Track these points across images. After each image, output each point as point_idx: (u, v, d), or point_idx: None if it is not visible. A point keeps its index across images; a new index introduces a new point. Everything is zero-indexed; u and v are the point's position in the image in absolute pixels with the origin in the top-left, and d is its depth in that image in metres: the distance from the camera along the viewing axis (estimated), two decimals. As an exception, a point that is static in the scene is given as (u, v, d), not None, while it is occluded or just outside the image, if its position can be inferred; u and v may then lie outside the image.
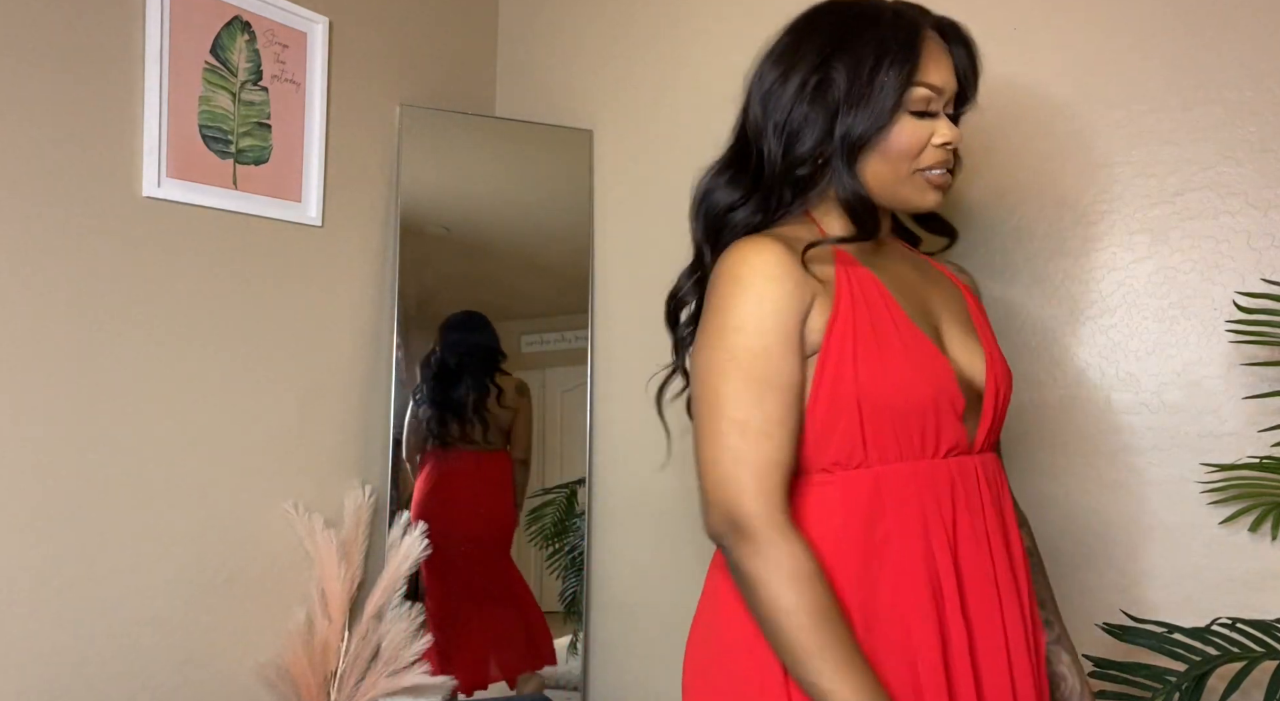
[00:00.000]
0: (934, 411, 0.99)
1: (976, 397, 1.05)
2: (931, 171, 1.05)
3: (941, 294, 1.11)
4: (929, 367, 0.99)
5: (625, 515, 2.07)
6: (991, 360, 1.07)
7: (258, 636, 1.74)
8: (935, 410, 0.99)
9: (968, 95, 1.10)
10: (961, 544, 0.99)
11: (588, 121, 2.17)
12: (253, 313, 1.74)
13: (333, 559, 1.77)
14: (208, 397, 1.67)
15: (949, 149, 1.05)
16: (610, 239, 2.14)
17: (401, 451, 1.96)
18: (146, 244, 1.59)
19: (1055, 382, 1.58)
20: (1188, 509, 1.46)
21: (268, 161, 1.76)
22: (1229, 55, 1.46)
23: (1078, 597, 1.54)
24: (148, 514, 1.59)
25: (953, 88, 1.06)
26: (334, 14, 1.87)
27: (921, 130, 1.03)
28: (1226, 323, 1.43)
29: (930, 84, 1.03)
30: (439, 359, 2.03)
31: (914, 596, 0.96)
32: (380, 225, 1.98)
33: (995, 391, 1.05)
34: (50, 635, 1.47)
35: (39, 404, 1.46)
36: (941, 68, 1.04)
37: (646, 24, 2.10)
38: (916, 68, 1.02)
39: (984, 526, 1.01)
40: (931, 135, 1.04)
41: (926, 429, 0.99)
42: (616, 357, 2.11)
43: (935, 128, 1.04)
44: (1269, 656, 1.21)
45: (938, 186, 1.06)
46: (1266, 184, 1.43)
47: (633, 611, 2.05)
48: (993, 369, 1.06)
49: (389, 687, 1.75)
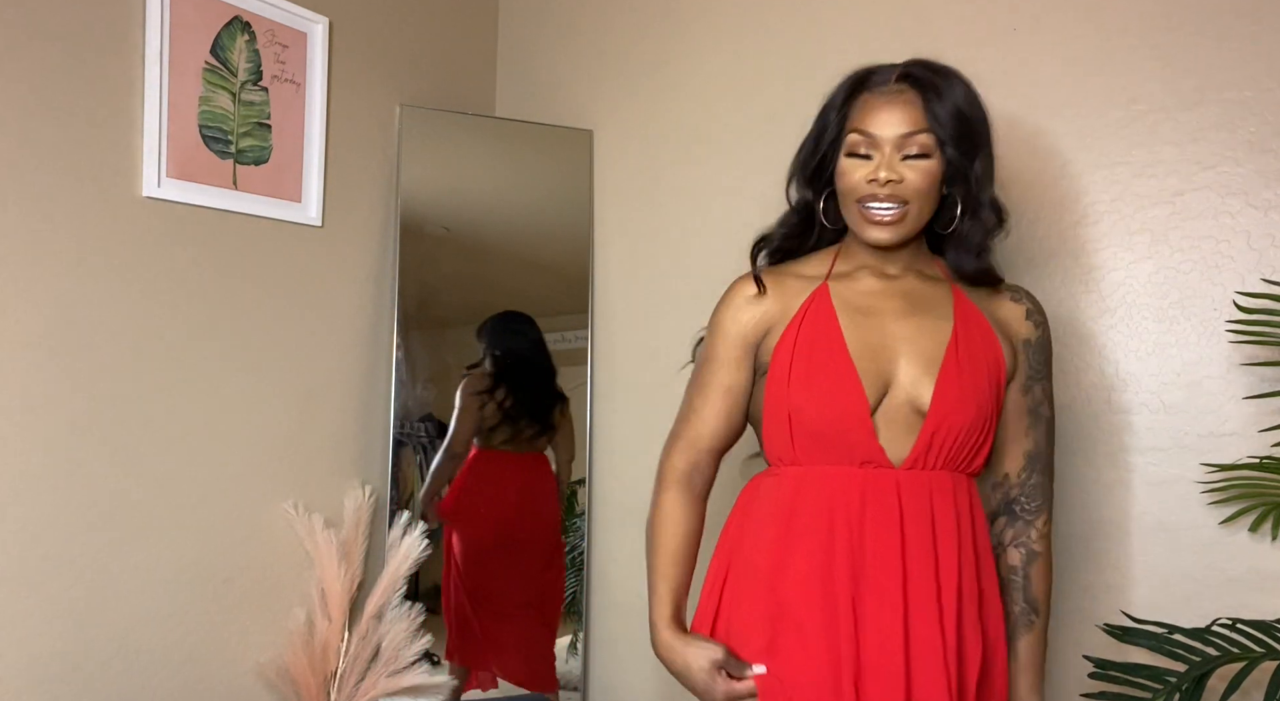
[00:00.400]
0: (843, 427, 1.17)
1: (918, 418, 1.18)
2: (868, 207, 1.19)
3: (918, 326, 1.22)
4: (843, 389, 1.17)
5: (625, 515, 2.07)
6: (942, 389, 1.17)
7: (258, 636, 1.74)
8: (844, 426, 1.17)
9: (938, 134, 1.18)
10: (868, 549, 1.16)
11: (588, 121, 2.17)
12: (253, 312, 1.74)
13: (333, 559, 1.77)
14: (207, 397, 1.67)
15: (881, 185, 1.17)
16: (610, 239, 2.14)
17: (401, 452, 1.96)
18: (146, 244, 1.59)
19: (1055, 383, 1.58)
20: (1188, 509, 1.46)
21: (268, 161, 1.76)
22: (1229, 55, 1.46)
23: (1078, 597, 1.54)
24: (147, 514, 1.59)
25: (894, 131, 1.17)
26: (334, 14, 1.87)
27: (854, 169, 1.20)
28: (1226, 323, 1.43)
29: (860, 130, 1.20)
30: (507, 357, 2.05)
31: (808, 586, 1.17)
32: (380, 225, 1.98)
33: (937, 418, 1.17)
34: (50, 635, 1.47)
35: (38, 404, 1.46)
36: (879, 116, 1.18)
37: (646, 24, 2.10)
38: (848, 117, 1.22)
39: (898, 538, 1.15)
40: (864, 173, 1.18)
41: (840, 441, 1.18)
42: (616, 357, 2.11)
43: (869, 166, 1.19)
44: (1269, 656, 1.21)
45: (876, 223, 1.19)
46: (1266, 184, 1.43)
47: (633, 611, 2.05)
48: (941, 398, 1.17)
49: (389, 687, 1.75)
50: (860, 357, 1.19)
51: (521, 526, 2.10)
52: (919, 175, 1.17)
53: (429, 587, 2.01)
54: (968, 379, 1.19)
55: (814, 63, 1.87)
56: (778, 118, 1.91)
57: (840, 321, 1.21)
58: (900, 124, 1.17)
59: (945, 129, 1.17)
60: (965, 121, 1.18)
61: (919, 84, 1.19)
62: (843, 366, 1.18)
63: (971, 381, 1.19)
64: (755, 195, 1.94)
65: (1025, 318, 1.28)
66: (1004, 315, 1.27)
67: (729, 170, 1.97)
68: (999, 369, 1.23)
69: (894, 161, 1.17)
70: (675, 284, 2.02)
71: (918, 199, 1.18)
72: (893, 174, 1.16)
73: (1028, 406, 1.27)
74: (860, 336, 1.20)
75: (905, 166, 1.17)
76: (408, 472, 1.98)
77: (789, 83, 1.90)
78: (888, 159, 1.17)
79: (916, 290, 1.25)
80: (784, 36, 1.90)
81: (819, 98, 1.87)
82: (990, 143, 1.23)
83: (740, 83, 1.96)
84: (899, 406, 1.18)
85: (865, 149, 1.19)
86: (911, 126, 1.17)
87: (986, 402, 1.20)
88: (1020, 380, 1.26)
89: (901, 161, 1.17)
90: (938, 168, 1.19)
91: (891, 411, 1.18)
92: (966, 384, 1.18)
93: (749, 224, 1.95)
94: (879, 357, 1.19)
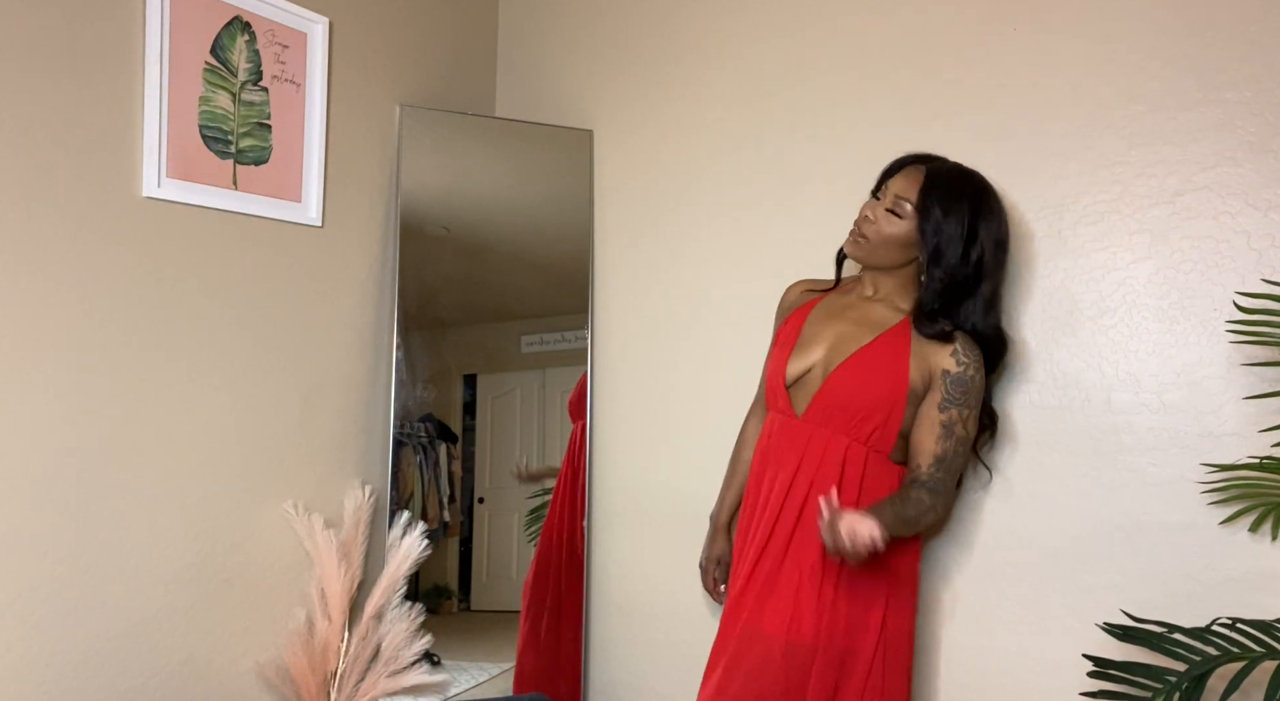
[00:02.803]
0: (772, 386, 1.62)
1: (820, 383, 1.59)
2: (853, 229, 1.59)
3: (854, 332, 1.57)
4: (777, 364, 1.61)
5: (625, 515, 2.08)
6: (839, 370, 1.54)
7: (258, 636, 1.74)
8: (772, 385, 1.62)
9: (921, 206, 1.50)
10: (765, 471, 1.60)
11: (588, 121, 2.17)
12: (253, 312, 1.74)
13: (333, 559, 1.77)
14: (208, 397, 1.67)
15: (861, 218, 1.56)
16: (610, 239, 2.14)
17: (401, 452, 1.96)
18: (146, 244, 1.59)
19: (1055, 383, 1.58)
20: (1188, 509, 1.46)
21: (268, 161, 1.76)
22: (1229, 55, 1.46)
23: (1078, 597, 1.54)
24: (148, 514, 1.59)
25: (893, 190, 1.53)
26: (334, 14, 1.87)
27: (865, 203, 1.58)
28: (1226, 323, 1.43)
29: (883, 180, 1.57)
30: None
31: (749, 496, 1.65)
32: (380, 225, 1.98)
33: (828, 386, 1.54)
34: (50, 635, 1.47)
35: (39, 403, 1.46)
36: (897, 178, 1.54)
37: (646, 24, 2.10)
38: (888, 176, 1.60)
39: (776, 465, 1.58)
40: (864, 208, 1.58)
41: (773, 396, 1.63)
42: (616, 357, 2.11)
43: (870, 205, 1.56)
44: (1269, 656, 1.21)
45: (849, 236, 1.58)
46: (1266, 184, 1.43)
47: (633, 611, 2.05)
48: (836, 375, 1.54)
49: (389, 687, 1.75)
50: (804, 343, 1.60)
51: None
52: (887, 224, 1.51)
53: (429, 587, 2.01)
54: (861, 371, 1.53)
55: (814, 63, 1.87)
56: (777, 118, 1.91)
57: (809, 319, 1.63)
58: (897, 188, 1.52)
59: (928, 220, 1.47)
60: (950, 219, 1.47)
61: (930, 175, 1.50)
62: (785, 349, 1.61)
63: (863, 375, 1.53)
64: (755, 195, 1.94)
65: (950, 355, 1.49)
66: (930, 352, 1.51)
67: (729, 170, 1.97)
68: (897, 380, 1.51)
69: (878, 207, 1.53)
70: (675, 284, 2.02)
71: (878, 237, 1.53)
72: (871, 213, 1.54)
73: (942, 422, 1.49)
74: (814, 331, 1.61)
75: (882, 215, 1.52)
76: (408, 472, 1.98)
77: (789, 83, 1.90)
78: (879, 204, 1.53)
79: (875, 311, 1.58)
80: (784, 37, 1.90)
81: (818, 97, 1.88)
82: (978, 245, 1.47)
83: (740, 83, 1.96)
84: (814, 378, 1.57)
85: (878, 193, 1.56)
86: (901, 193, 1.51)
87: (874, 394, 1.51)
88: (936, 399, 1.49)
89: (884, 213, 1.52)
90: (905, 230, 1.50)
91: (808, 381, 1.57)
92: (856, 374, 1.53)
93: (748, 224, 1.96)
94: (814, 344, 1.59)
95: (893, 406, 1.51)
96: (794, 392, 1.58)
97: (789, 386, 1.59)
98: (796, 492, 1.54)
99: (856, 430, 1.53)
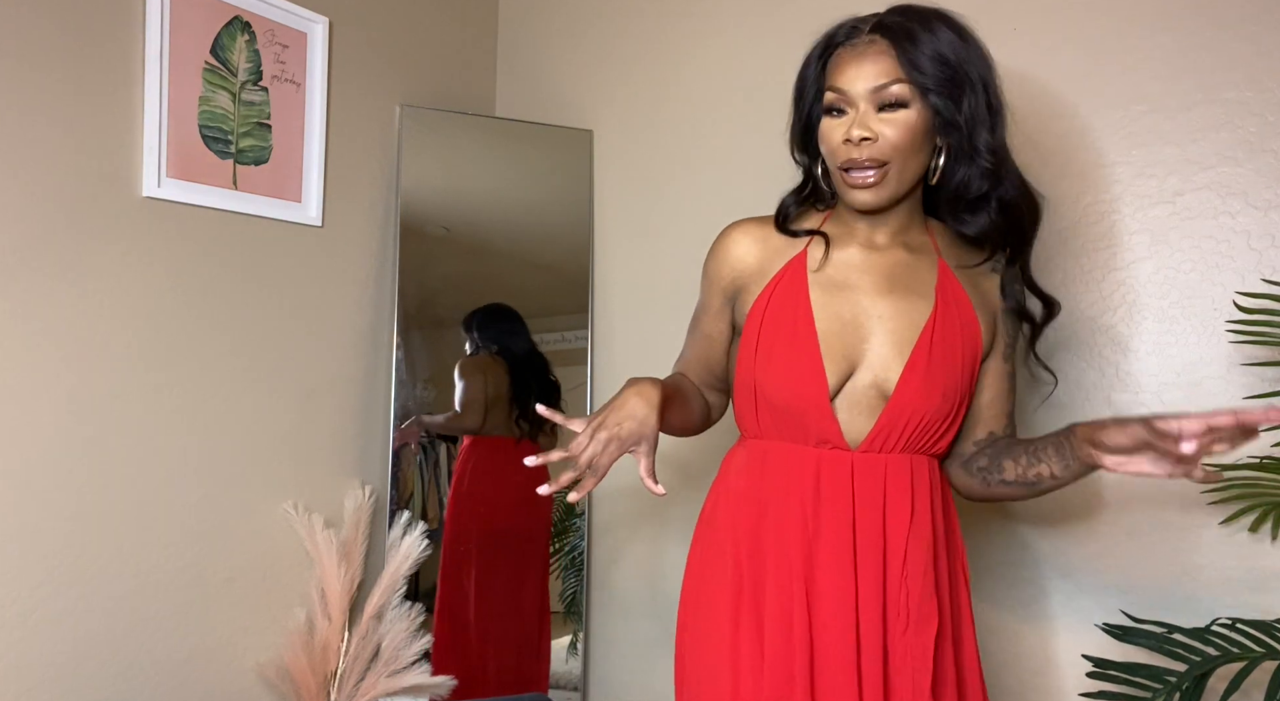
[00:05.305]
0: (802, 408, 1.16)
1: (882, 401, 1.16)
2: (850, 172, 1.14)
3: (895, 305, 1.18)
4: (804, 368, 1.15)
5: (625, 515, 2.08)
6: (909, 376, 1.14)
7: (258, 636, 1.74)
8: (802, 407, 1.16)
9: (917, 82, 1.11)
10: (822, 530, 1.15)
11: (588, 121, 2.17)
12: (253, 313, 1.74)
13: (333, 559, 1.77)
14: (208, 398, 1.67)
15: (856, 144, 1.12)
16: (610, 239, 2.14)
17: (401, 452, 1.96)
18: (146, 244, 1.59)
19: (1055, 383, 1.58)
20: (1188, 509, 1.46)
21: (268, 161, 1.76)
22: (1229, 55, 1.46)
23: (1078, 597, 1.54)
24: (148, 514, 1.59)
25: (865, 85, 1.11)
26: (334, 14, 1.87)
27: (832, 129, 1.15)
28: (1226, 323, 1.43)
29: (833, 87, 1.14)
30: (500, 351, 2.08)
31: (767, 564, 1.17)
32: (380, 225, 1.98)
33: (899, 404, 1.14)
34: (51, 634, 1.47)
35: (38, 403, 1.46)
36: (849, 71, 1.12)
37: (646, 24, 2.10)
38: (824, 75, 1.17)
39: (849, 519, 1.14)
40: (841, 132, 1.13)
41: (799, 421, 1.17)
42: (616, 357, 2.11)
43: (845, 124, 1.13)
44: (1269, 656, 1.21)
45: (857, 186, 1.14)
46: (1266, 184, 1.43)
47: (633, 611, 2.05)
48: (907, 384, 1.14)
49: (389, 687, 1.75)
50: (828, 333, 1.15)
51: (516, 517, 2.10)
52: (896, 129, 1.11)
53: (429, 587, 2.01)
54: (938, 365, 1.15)
55: (814, 63, 1.87)
56: (777, 118, 1.91)
57: (812, 294, 1.17)
58: (871, 77, 1.10)
59: (926, 76, 1.10)
60: (949, 64, 1.10)
61: (891, 33, 1.12)
62: (807, 345, 1.15)
63: (942, 368, 1.15)
64: (755, 194, 1.94)
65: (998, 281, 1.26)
66: (986, 286, 1.23)
67: (729, 170, 1.97)
68: (975, 352, 1.19)
69: (868, 117, 1.11)
70: (675, 283, 2.02)
71: (897, 156, 1.12)
72: (866, 130, 1.10)
73: (1009, 373, 1.25)
74: (832, 311, 1.17)
75: (881, 121, 1.11)
76: (408, 472, 1.98)
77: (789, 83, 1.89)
78: (861, 115, 1.11)
79: (900, 264, 1.20)
80: (784, 36, 1.90)
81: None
82: (987, 84, 1.14)
83: (741, 83, 1.96)
84: (864, 388, 1.15)
85: (840, 105, 1.14)
86: (883, 77, 1.10)
87: (955, 392, 1.17)
88: (1000, 349, 1.23)
89: (878, 115, 1.11)
90: (918, 118, 1.11)
91: (856, 393, 1.16)
92: (936, 371, 1.15)
93: (749, 224, 1.96)
94: (848, 334, 1.16)
95: (964, 397, 1.19)
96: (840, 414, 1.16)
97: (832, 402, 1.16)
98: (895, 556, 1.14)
99: (936, 443, 1.18)
